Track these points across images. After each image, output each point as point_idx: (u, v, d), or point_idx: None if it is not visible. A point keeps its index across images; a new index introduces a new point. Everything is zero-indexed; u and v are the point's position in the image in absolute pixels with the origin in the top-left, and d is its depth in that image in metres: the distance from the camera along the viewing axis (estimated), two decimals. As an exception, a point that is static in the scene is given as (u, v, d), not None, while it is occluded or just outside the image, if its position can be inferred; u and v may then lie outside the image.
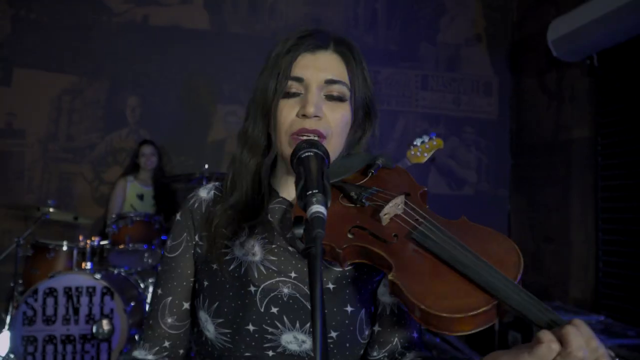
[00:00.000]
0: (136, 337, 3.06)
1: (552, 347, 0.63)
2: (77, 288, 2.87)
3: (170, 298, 1.00)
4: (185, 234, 1.01)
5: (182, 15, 4.54)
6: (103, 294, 2.90)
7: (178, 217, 1.04)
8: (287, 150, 0.92)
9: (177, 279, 1.00)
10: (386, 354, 0.95)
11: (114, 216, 3.49)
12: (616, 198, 3.52)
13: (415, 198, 0.91)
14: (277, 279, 0.92)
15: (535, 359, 0.64)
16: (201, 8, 4.58)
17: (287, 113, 0.92)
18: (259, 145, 0.97)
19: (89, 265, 3.08)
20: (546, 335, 0.64)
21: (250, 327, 0.89)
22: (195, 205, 1.03)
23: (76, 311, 2.86)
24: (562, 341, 0.63)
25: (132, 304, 3.04)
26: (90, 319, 2.87)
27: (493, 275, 0.71)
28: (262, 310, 0.89)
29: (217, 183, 1.07)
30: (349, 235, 0.84)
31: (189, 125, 4.51)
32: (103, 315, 2.88)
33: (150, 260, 3.52)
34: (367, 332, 0.94)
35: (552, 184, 4.21)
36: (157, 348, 1.00)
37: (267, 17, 4.68)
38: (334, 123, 0.93)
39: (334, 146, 0.95)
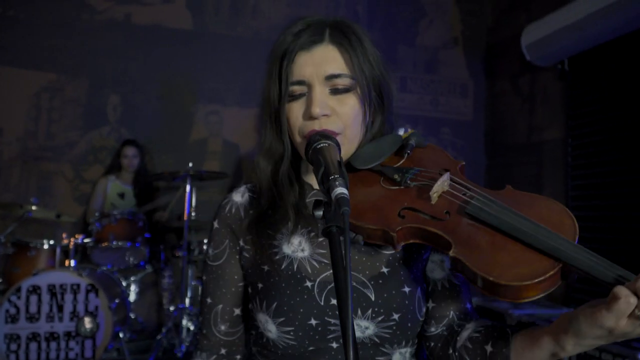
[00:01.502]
0: (120, 335, 3.08)
1: (631, 301, 0.64)
2: (61, 285, 2.88)
3: (221, 306, 1.01)
4: (227, 240, 1.01)
5: (165, 15, 4.54)
6: (87, 291, 2.91)
7: (216, 224, 1.03)
8: (302, 149, 0.92)
9: (226, 286, 1.01)
10: (444, 328, 0.96)
11: (97, 214, 3.49)
12: (586, 197, 3.67)
13: (456, 173, 0.91)
14: (330, 270, 0.88)
15: (615, 314, 0.65)
16: (183, 8, 4.60)
17: (295, 117, 0.92)
18: (275, 151, 0.98)
19: (72, 262, 3.08)
20: (622, 291, 0.65)
21: (313, 322, 0.89)
22: (233, 211, 1.03)
23: (60, 308, 2.86)
24: (638, 294, 0.64)
25: (117, 301, 3.06)
26: (75, 316, 2.88)
27: (553, 239, 0.72)
28: (322, 303, 0.89)
29: (249, 185, 1.07)
30: (400, 218, 0.84)
31: (171, 124, 4.52)
32: (87, 313, 2.89)
33: (132, 259, 3.54)
34: (424, 310, 0.95)
35: (525, 184, 4.35)
36: (214, 356, 1.02)
37: (249, 17, 4.72)
38: (344, 117, 0.91)
39: (351, 138, 0.93)
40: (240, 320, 1.03)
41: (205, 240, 3.72)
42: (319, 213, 0.73)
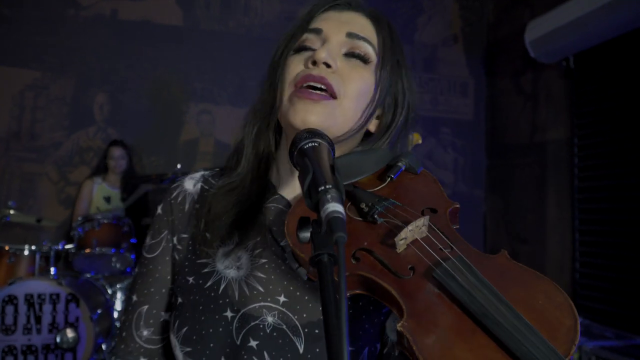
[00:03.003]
0: (103, 347, 2.92)
1: None
2: (39, 295, 2.71)
3: (146, 307, 0.84)
4: (165, 231, 0.85)
5: (153, 10, 4.39)
6: (68, 301, 2.74)
7: (159, 210, 0.87)
8: (287, 109, 0.75)
9: (155, 284, 0.84)
10: None
11: (80, 218, 3.32)
12: (593, 199, 3.53)
13: (442, 218, 0.71)
14: (262, 303, 0.74)
15: None
16: (173, 3, 4.44)
17: (295, 66, 0.77)
18: (264, 107, 0.81)
19: (52, 270, 2.92)
20: None
21: None
22: (179, 199, 0.86)
23: (38, 320, 2.70)
24: None
25: (99, 311, 2.89)
26: (54, 327, 2.71)
27: (538, 348, 0.53)
28: (239, 343, 0.72)
29: (206, 172, 0.90)
30: (352, 260, 0.65)
31: (160, 124, 4.36)
32: (68, 324, 2.72)
33: (118, 265, 3.38)
34: None
35: (528, 185, 4.21)
36: None
37: (241, 13, 4.57)
38: (349, 81, 0.75)
39: (346, 111, 0.76)
40: (166, 327, 0.84)
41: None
42: (306, 235, 0.55)
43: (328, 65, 0.74)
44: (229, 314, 0.74)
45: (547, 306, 0.58)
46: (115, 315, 3.24)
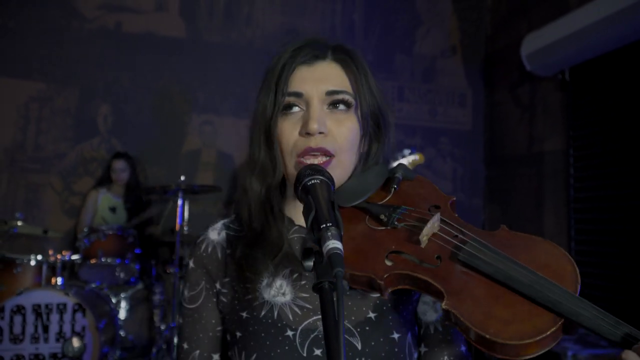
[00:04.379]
0: (108, 356, 2.97)
1: None
2: (47, 305, 2.76)
3: (198, 351, 0.92)
4: (203, 282, 0.93)
5: (157, 23, 4.46)
6: (74, 311, 2.79)
7: (191, 264, 0.95)
8: (293, 173, 0.85)
9: (203, 331, 0.93)
10: None
11: (85, 229, 3.38)
12: (588, 209, 3.60)
13: (447, 211, 0.84)
14: (314, 317, 0.85)
15: None
16: (176, 16, 4.52)
17: (290, 133, 0.86)
18: (267, 170, 0.89)
19: (59, 280, 2.97)
20: (631, 357, 0.62)
21: None
22: (209, 250, 0.94)
23: (45, 329, 2.75)
24: None
25: (105, 320, 2.94)
26: (61, 337, 2.76)
27: (554, 291, 0.66)
28: (305, 354, 0.82)
29: (225, 220, 0.98)
30: (388, 263, 0.77)
31: (163, 135, 4.42)
32: (74, 333, 2.78)
33: (122, 275, 3.43)
34: (415, 356, 0.89)
35: (526, 195, 4.28)
36: None
37: (243, 25, 4.64)
38: (340, 138, 0.85)
39: (344, 163, 0.87)
40: None
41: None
42: (309, 264, 0.66)
43: (321, 132, 0.83)
44: (289, 333, 0.84)
45: (550, 260, 0.72)
46: (120, 324, 3.29)
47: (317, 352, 0.82)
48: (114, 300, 3.33)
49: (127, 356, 3.53)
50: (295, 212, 0.93)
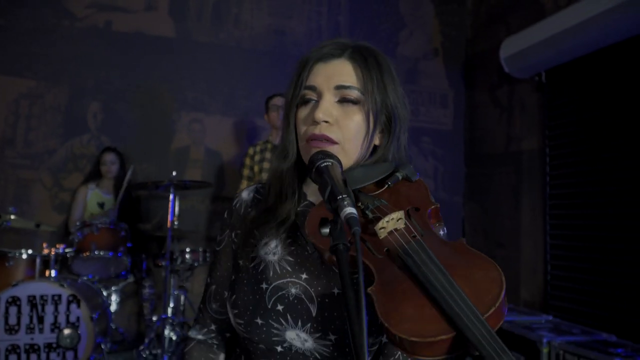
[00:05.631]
0: (102, 346, 3.04)
1: None
2: (42, 296, 2.83)
3: (214, 286, 1.12)
4: (227, 230, 1.11)
5: (146, 22, 4.53)
6: (69, 302, 2.86)
7: (226, 215, 1.13)
8: (305, 156, 0.97)
9: (220, 270, 1.11)
10: None
11: (78, 223, 3.44)
12: (563, 206, 3.76)
13: (421, 214, 0.90)
14: (289, 279, 0.98)
15: None
16: (166, 15, 4.59)
17: (303, 121, 0.98)
18: (285, 151, 1.02)
19: (53, 273, 3.03)
20: None
21: (259, 321, 0.95)
22: (237, 205, 1.11)
23: (41, 320, 2.81)
24: None
25: (98, 312, 3.01)
26: (56, 327, 2.83)
27: (460, 306, 0.69)
28: (269, 306, 0.96)
29: (259, 185, 1.13)
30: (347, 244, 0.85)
31: (152, 133, 4.49)
32: (69, 324, 2.85)
33: (113, 268, 3.50)
34: (369, 340, 0.95)
35: (504, 192, 4.44)
36: (205, 330, 1.14)
37: (231, 26, 4.73)
38: (345, 129, 0.95)
39: (349, 152, 0.96)
40: None
41: (188, 249, 3.72)
42: (326, 231, 0.77)
43: (326, 121, 0.94)
44: (264, 285, 0.98)
45: (482, 279, 0.75)
46: (112, 317, 3.36)
47: (280, 307, 0.95)
48: (105, 293, 3.40)
49: (118, 348, 3.60)
50: (311, 190, 1.06)
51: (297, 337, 0.94)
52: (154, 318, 3.60)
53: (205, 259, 3.76)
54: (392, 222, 0.85)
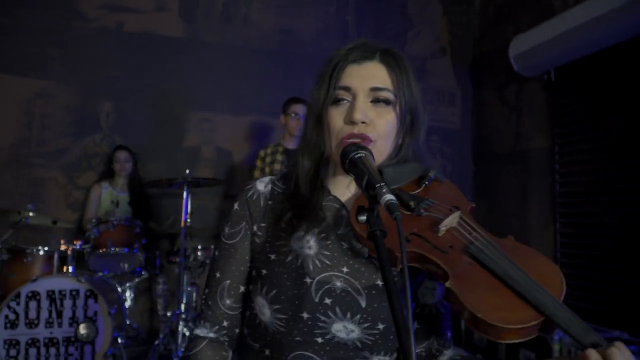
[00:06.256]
0: (119, 340, 3.09)
1: None
2: (60, 291, 2.88)
3: (228, 281, 1.09)
4: (244, 222, 1.09)
5: (157, 23, 4.58)
6: (87, 297, 2.92)
7: (236, 206, 1.11)
8: (336, 153, 0.99)
9: (236, 264, 1.08)
10: (423, 349, 1.05)
11: (94, 220, 3.50)
12: (573, 204, 3.78)
13: (465, 213, 0.98)
14: (331, 272, 1.00)
15: None
16: (176, 16, 4.64)
17: (337, 120, 1.00)
18: (315, 149, 1.05)
19: (70, 268, 3.08)
20: (593, 355, 0.73)
21: (305, 315, 0.96)
22: (254, 197, 1.10)
23: (59, 314, 2.87)
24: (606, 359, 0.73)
25: (115, 307, 3.07)
26: (74, 321, 2.88)
27: (542, 293, 0.80)
28: (317, 300, 0.97)
29: (273, 177, 1.14)
30: (406, 242, 0.89)
31: (163, 132, 4.54)
32: (87, 318, 2.90)
33: (127, 265, 3.55)
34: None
35: (512, 191, 4.47)
36: (216, 327, 1.10)
37: (240, 26, 4.78)
38: (380, 128, 0.99)
39: (381, 149, 1.01)
40: (243, 297, 1.10)
41: (200, 247, 3.77)
42: (363, 218, 0.81)
43: (363, 121, 0.98)
44: (308, 280, 0.99)
45: (544, 271, 0.86)
46: (126, 313, 3.41)
47: (327, 300, 0.97)
48: (119, 289, 3.45)
49: (132, 344, 3.65)
50: (333, 185, 1.09)
51: (344, 329, 0.97)
52: (168, 314, 3.65)
53: (217, 256, 3.80)
54: (451, 220, 0.93)
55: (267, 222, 1.07)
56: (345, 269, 1.00)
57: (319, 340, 0.97)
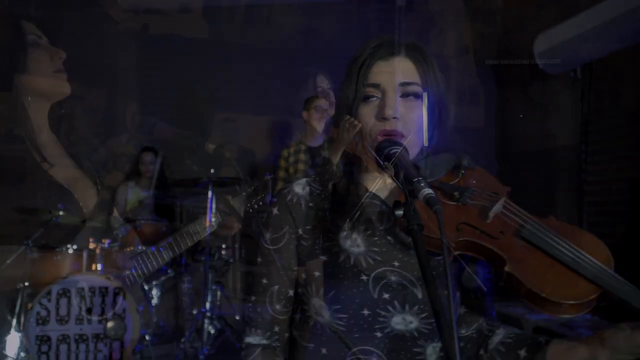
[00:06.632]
0: (146, 337, 3.14)
1: None
2: (90, 289, 2.94)
3: (277, 286, 1.08)
4: (287, 227, 1.08)
5: (181, 24, 4.64)
6: (115, 294, 2.96)
7: (275, 211, 1.10)
8: (370, 150, 1.01)
9: (283, 269, 1.08)
10: (474, 331, 1.08)
11: (122, 219, 3.56)
12: (601, 203, 3.72)
13: (505, 197, 1.00)
14: (384, 268, 1.01)
15: None
16: (200, 17, 4.70)
17: (368, 117, 1.01)
18: (347, 148, 1.07)
19: (99, 267, 3.14)
20: None
21: (365, 312, 0.98)
22: (294, 201, 1.09)
23: (89, 311, 2.92)
24: None
25: (142, 304, 3.11)
26: (103, 318, 2.93)
27: (596, 267, 0.84)
28: (376, 296, 0.99)
29: (308, 178, 1.14)
30: (457, 231, 0.92)
31: (187, 132, 4.59)
32: (116, 315, 2.95)
33: (154, 263, 3.59)
34: (460, 312, 1.08)
35: (537, 191, 4.40)
36: (268, 333, 1.08)
37: (262, 27, 4.82)
38: (411, 122, 1.00)
39: (414, 143, 1.02)
40: (292, 301, 1.10)
41: (224, 246, 3.81)
42: (400, 212, 0.80)
43: (395, 117, 0.99)
44: (364, 277, 1.00)
45: (591, 246, 0.89)
46: (153, 310, 3.46)
47: (386, 295, 0.99)
48: (146, 287, 3.51)
49: (158, 341, 3.70)
50: (368, 181, 1.10)
51: (403, 321, 0.99)
52: (194, 312, 3.69)
53: (241, 255, 3.84)
54: (499, 207, 0.96)
55: (311, 224, 1.07)
56: (396, 263, 1.02)
57: (378, 334, 0.99)
